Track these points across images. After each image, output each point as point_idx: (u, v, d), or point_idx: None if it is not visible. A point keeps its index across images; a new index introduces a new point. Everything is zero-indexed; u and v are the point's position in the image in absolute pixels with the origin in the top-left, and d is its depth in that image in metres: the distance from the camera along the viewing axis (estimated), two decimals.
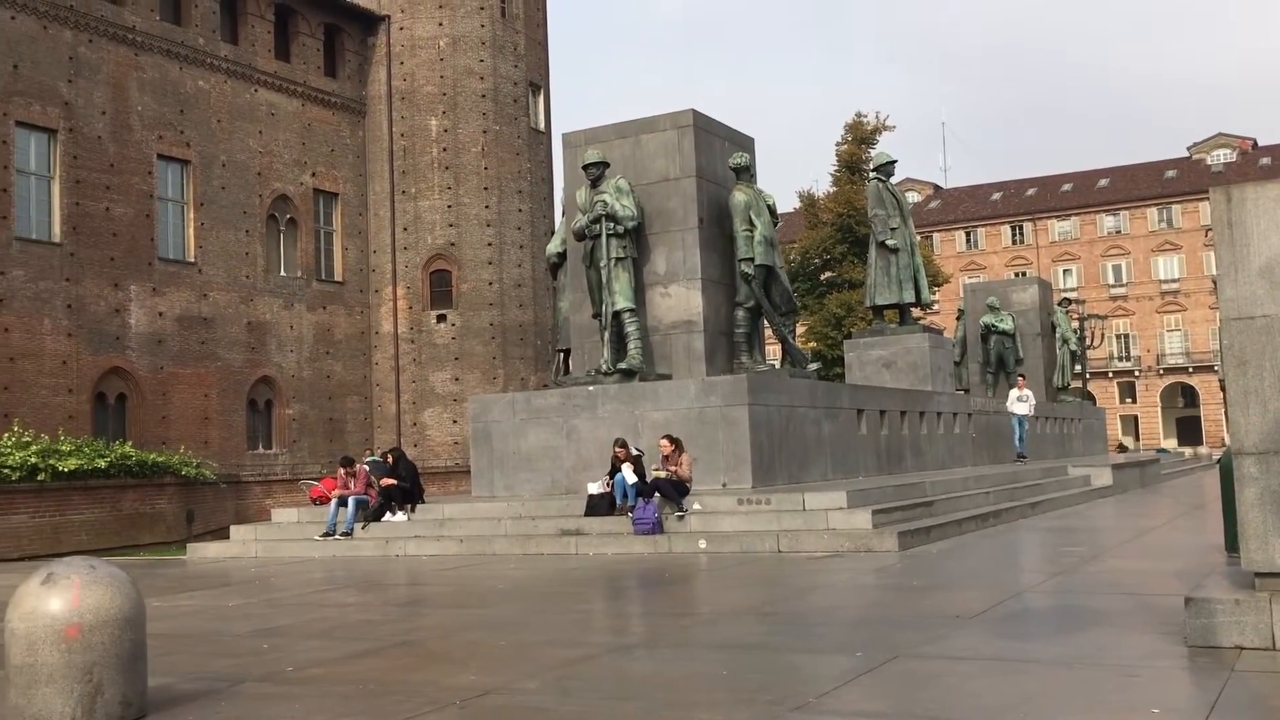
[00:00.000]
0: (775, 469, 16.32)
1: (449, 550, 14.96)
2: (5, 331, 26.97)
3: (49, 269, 28.15)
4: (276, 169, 34.48)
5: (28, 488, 19.53)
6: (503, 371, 36.76)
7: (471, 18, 37.11)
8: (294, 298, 34.84)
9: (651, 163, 17.97)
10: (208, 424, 31.64)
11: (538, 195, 38.48)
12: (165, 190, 31.55)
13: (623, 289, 17.27)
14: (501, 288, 36.97)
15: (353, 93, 37.11)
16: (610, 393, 17.01)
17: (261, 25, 34.25)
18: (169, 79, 31.45)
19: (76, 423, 27.43)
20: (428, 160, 36.85)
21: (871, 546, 12.54)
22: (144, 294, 30.38)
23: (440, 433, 36.42)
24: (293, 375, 34.54)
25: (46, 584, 5.39)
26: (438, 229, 36.73)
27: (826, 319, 45.13)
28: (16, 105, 27.68)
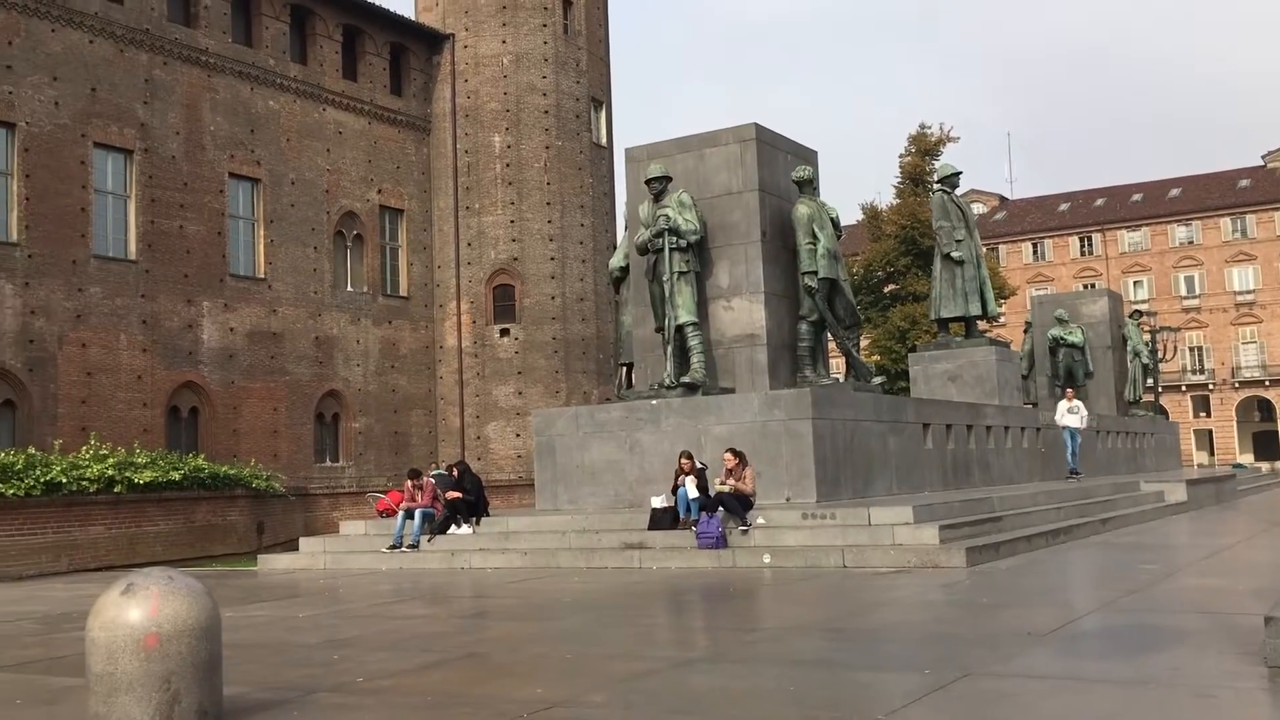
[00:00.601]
0: (840, 483, 16.20)
1: (514, 563, 15.04)
2: (83, 347, 27.67)
3: (125, 286, 28.85)
4: (344, 186, 35.04)
5: (105, 499, 19.99)
6: (565, 385, 36.94)
7: (534, 35, 37.46)
8: (360, 313, 35.34)
9: (714, 177, 17.98)
10: (277, 437, 32.17)
11: (599, 210, 38.67)
12: (236, 208, 32.20)
13: (685, 303, 17.27)
14: (564, 302, 37.18)
15: (418, 110, 37.62)
16: (673, 406, 17.01)
17: (330, 46, 34.87)
18: (240, 99, 32.13)
19: (151, 436, 28.04)
20: (491, 176, 37.21)
21: (939, 562, 12.39)
22: (216, 310, 31.01)
23: (503, 446, 36.66)
24: (359, 389, 35.01)
25: (126, 594, 5.52)
26: (501, 244, 37.06)
27: (890, 332, 44.75)
28: (95, 127, 28.44)
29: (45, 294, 27.02)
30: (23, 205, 26.81)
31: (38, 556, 18.82)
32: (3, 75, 26.62)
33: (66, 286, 27.48)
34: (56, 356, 27.12)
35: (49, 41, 27.63)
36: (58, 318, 27.24)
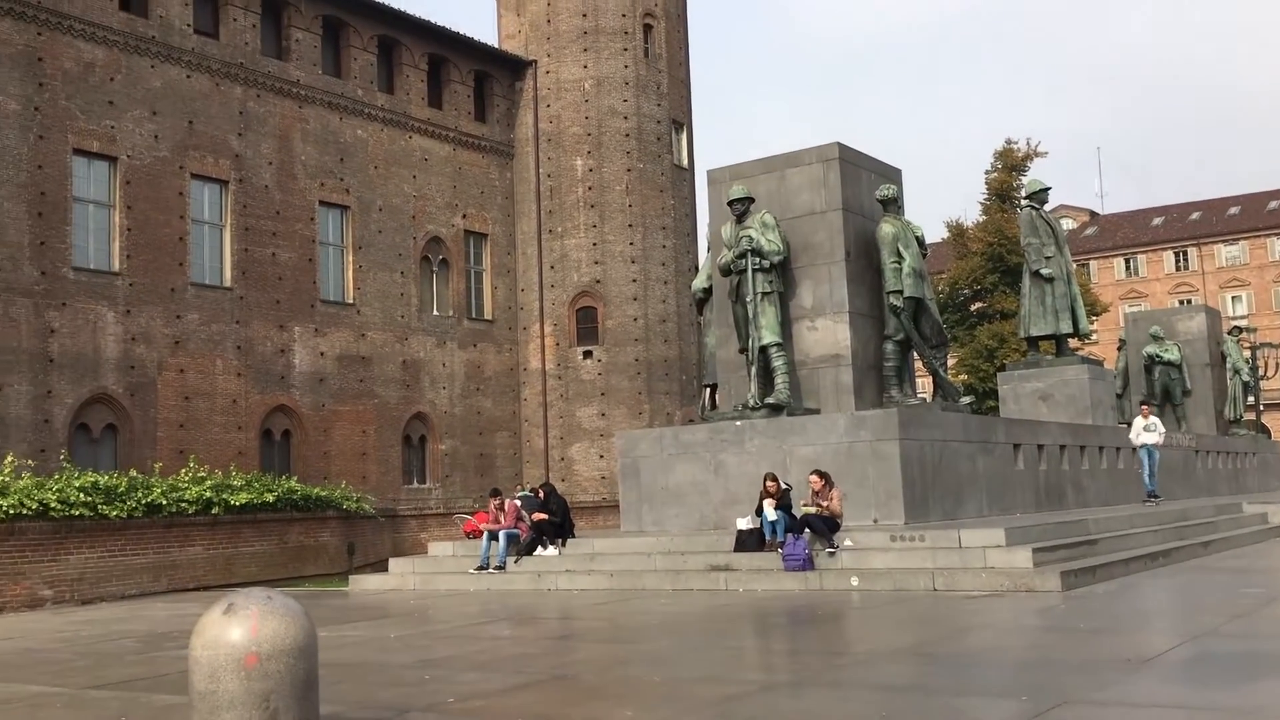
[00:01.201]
0: (928, 505, 15.97)
1: (599, 585, 15.08)
2: (181, 372, 28.48)
3: (221, 312, 29.66)
4: (429, 212, 35.64)
5: (203, 521, 20.49)
6: (648, 406, 37.00)
7: (615, 59, 37.78)
8: (446, 336, 35.84)
9: (797, 197, 17.93)
10: (365, 459, 32.73)
11: (681, 231, 38.77)
12: (326, 235, 32.93)
13: (769, 323, 17.22)
14: (646, 323, 37.29)
15: (501, 136, 38.14)
16: (758, 427, 16.93)
17: (415, 75, 35.56)
18: (330, 129, 32.90)
19: (245, 458, 28.72)
20: (573, 200, 37.54)
21: (1032, 586, 12.13)
22: (307, 335, 31.70)
23: (587, 467, 36.82)
24: (445, 411, 35.47)
25: (227, 614, 5.65)
26: (583, 267, 37.33)
27: (978, 351, 44.05)
28: (192, 159, 29.35)
29: (145, 321, 27.89)
30: (124, 236, 27.73)
31: (139, 576, 19.36)
32: (105, 111, 27.62)
33: (165, 314, 28.33)
34: (156, 381, 27.95)
35: (149, 77, 28.62)
36: (157, 344, 28.09)
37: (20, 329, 25.51)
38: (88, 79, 27.36)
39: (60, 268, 26.40)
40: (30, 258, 25.87)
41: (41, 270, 26.02)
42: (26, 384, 25.46)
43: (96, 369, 26.83)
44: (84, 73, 27.31)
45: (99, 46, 27.64)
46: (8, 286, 25.39)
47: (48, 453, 24.93)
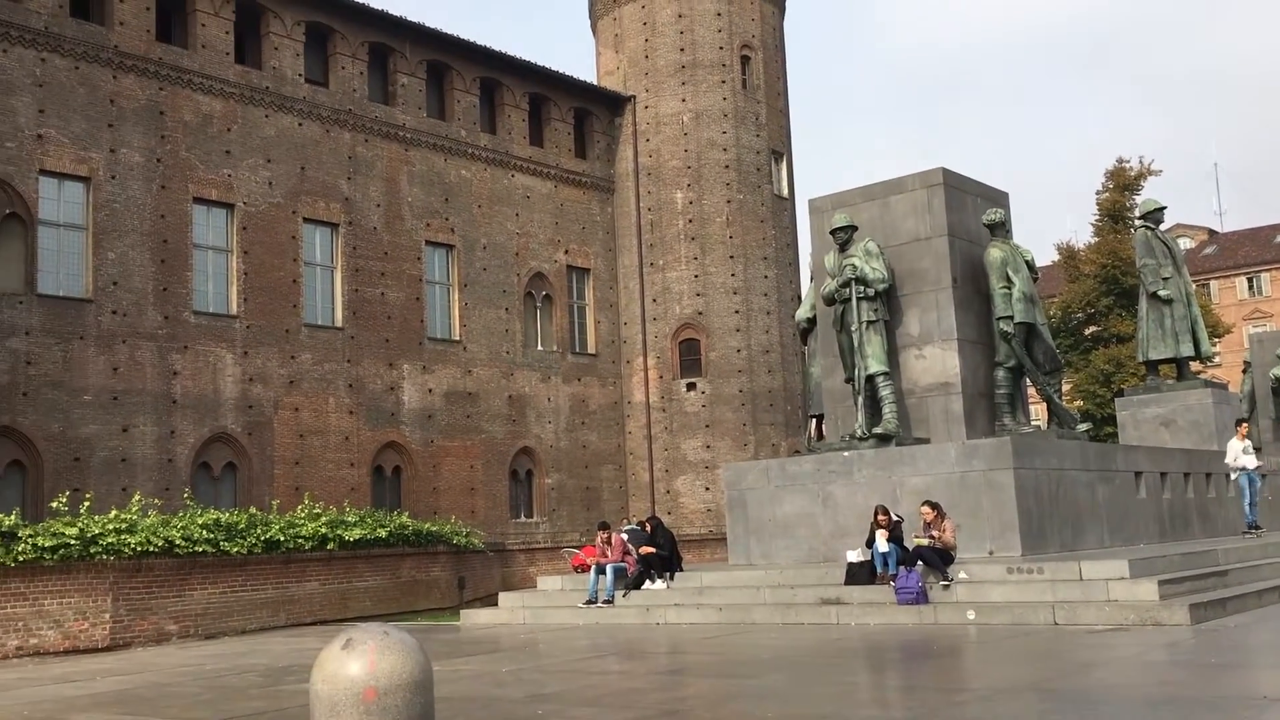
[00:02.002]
0: (1046, 536, 15.53)
1: (709, 618, 14.98)
2: (296, 411, 29.27)
3: (333, 352, 30.43)
4: (532, 248, 36.13)
5: (319, 556, 20.96)
6: (753, 438, 36.79)
7: (713, 92, 37.94)
8: (550, 371, 36.19)
9: (901, 223, 17.73)
10: (474, 494, 33.14)
11: (783, 261, 38.61)
12: (432, 273, 33.60)
13: (875, 352, 17.01)
14: (750, 355, 37.15)
15: (601, 172, 38.54)
16: (866, 458, 16.70)
17: (517, 114, 36.19)
18: (435, 170, 33.65)
19: (358, 494, 29.34)
20: (674, 232, 37.69)
21: (1159, 619, 11.68)
22: (415, 372, 32.33)
23: (693, 500, 36.72)
24: (551, 446, 35.76)
25: (346, 649, 5.74)
26: (685, 299, 37.40)
27: (1093, 376, 42.81)
28: (304, 203, 30.28)
29: (262, 362, 28.76)
30: (241, 280, 28.69)
31: (259, 611, 19.87)
32: (223, 160, 28.69)
33: (280, 354, 29.18)
34: (273, 420, 28.76)
35: (263, 126, 29.66)
36: (273, 384, 28.93)
37: (145, 372, 26.52)
38: (206, 130, 28.46)
39: (182, 312, 27.41)
40: (154, 303, 26.91)
41: (165, 315, 27.05)
42: (151, 425, 26.44)
43: (216, 409, 27.73)
44: (203, 124, 28.43)
45: (216, 99, 28.76)
46: (134, 331, 26.44)
47: (171, 491, 25.80)
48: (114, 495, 24.52)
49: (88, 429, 25.34)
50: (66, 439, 24.98)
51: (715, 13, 38.26)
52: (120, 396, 25.98)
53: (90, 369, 25.60)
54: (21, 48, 25.43)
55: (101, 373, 25.75)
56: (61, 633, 17.21)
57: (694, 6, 38.20)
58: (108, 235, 26.32)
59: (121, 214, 26.65)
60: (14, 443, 24.46)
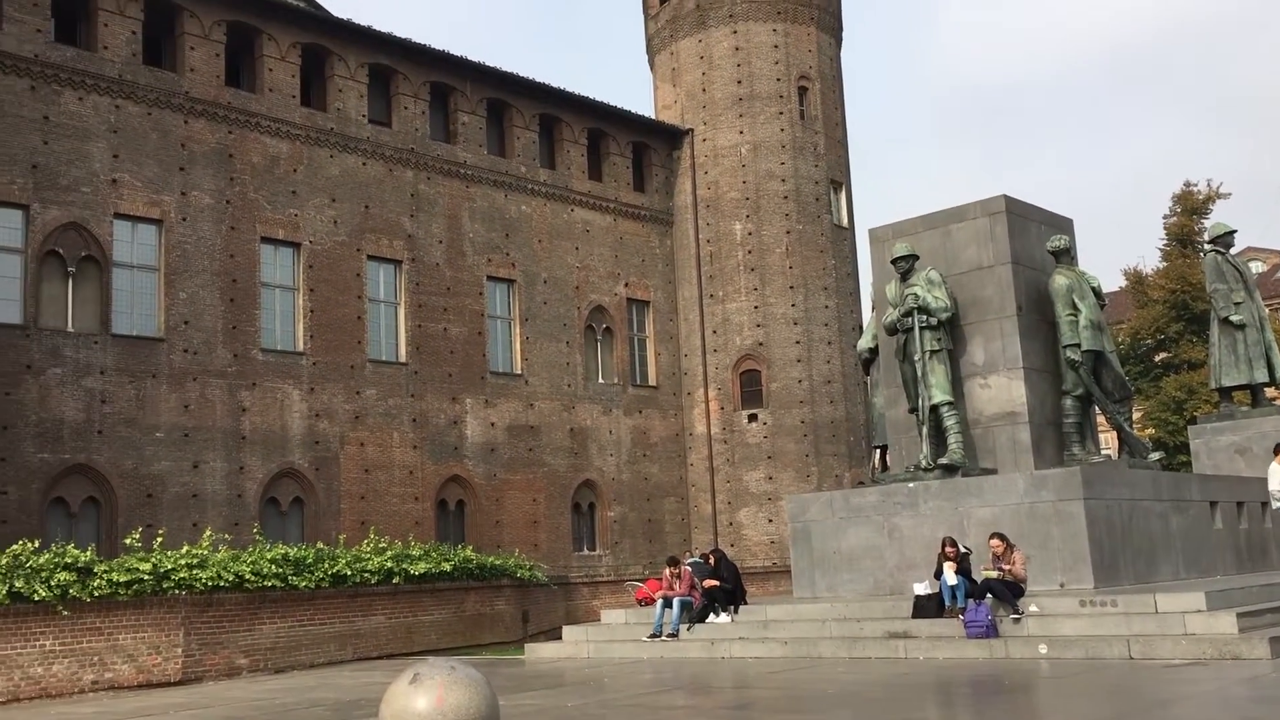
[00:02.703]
0: (1118, 567, 15.21)
1: (774, 652, 14.85)
2: (361, 446, 29.62)
3: (396, 387, 30.79)
4: (592, 282, 36.34)
5: (385, 590, 21.15)
6: (816, 469, 36.52)
7: (771, 124, 38.02)
8: (612, 403, 36.27)
9: (963, 252, 17.59)
10: (536, 527, 33.24)
11: (843, 291, 38.43)
12: (494, 308, 33.92)
13: (939, 381, 16.86)
14: (811, 385, 36.95)
15: (660, 205, 38.72)
16: (932, 489, 16.51)
17: (576, 150, 36.53)
18: (495, 206, 34.04)
19: (422, 528, 29.56)
20: (733, 264, 37.71)
21: (1239, 653, 11.37)
22: (478, 406, 32.58)
23: (756, 532, 36.49)
24: (613, 478, 35.78)
25: (414, 684, 5.79)
26: (746, 330, 37.34)
27: (1164, 403, 41.95)
28: (368, 241, 30.77)
29: (328, 398, 29.18)
30: (308, 317, 29.19)
31: (326, 645, 20.07)
32: (289, 200, 29.28)
33: (346, 390, 29.58)
34: (339, 455, 29.13)
35: (328, 166, 30.24)
36: (339, 419, 29.32)
37: (215, 409, 27.03)
38: (273, 171, 29.09)
39: (250, 350, 27.92)
40: (224, 341, 27.46)
41: (234, 353, 27.57)
42: (221, 461, 26.90)
43: (284, 445, 28.16)
44: (270, 166, 29.06)
45: (283, 141, 29.39)
46: (204, 370, 26.99)
47: (240, 526, 26.20)
48: (185, 531, 24.96)
49: (160, 465, 25.86)
50: (139, 475, 25.51)
51: (772, 45, 38.40)
52: (191, 433, 26.50)
53: (162, 406, 26.15)
54: (97, 95, 26.23)
55: (173, 410, 26.29)
56: (135, 667, 17.51)
57: (750, 39, 38.38)
58: (179, 276, 26.94)
59: (192, 255, 27.29)
60: (89, 480, 25.02)
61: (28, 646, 16.80)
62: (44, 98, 25.41)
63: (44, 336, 24.66)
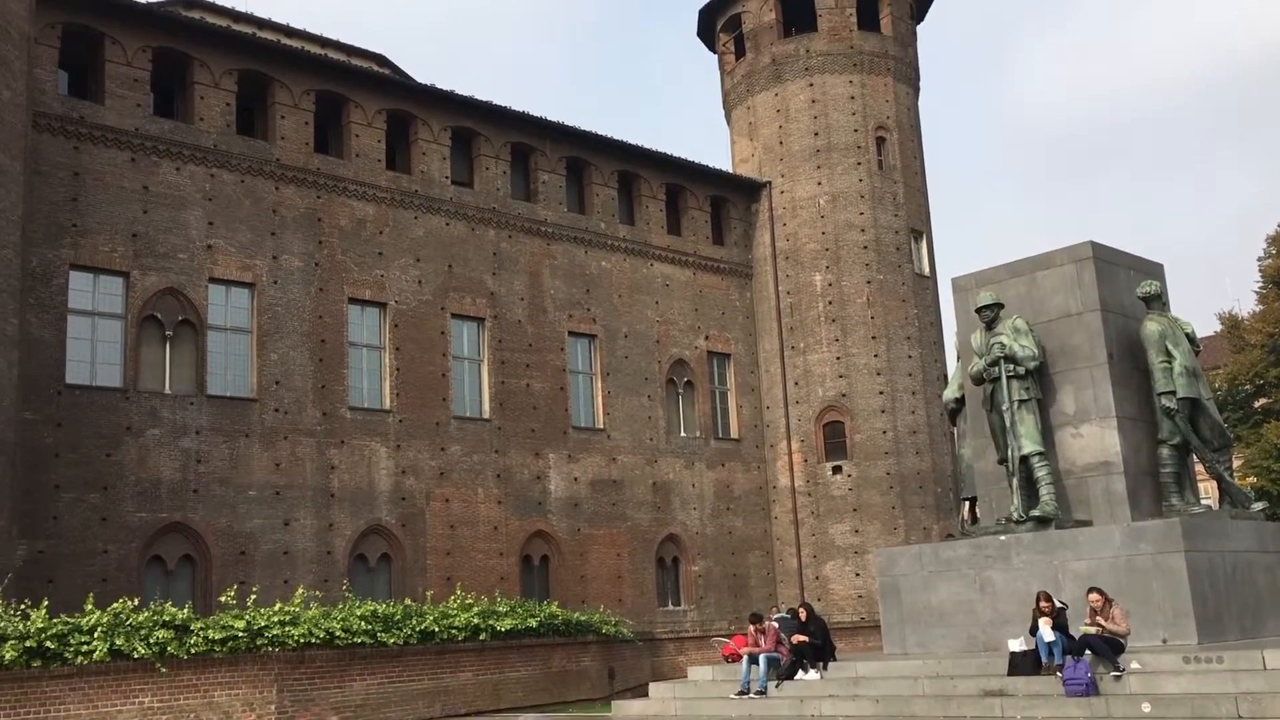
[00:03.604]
0: (1224, 622, 14.70)
1: (865, 710, 14.59)
2: (447, 502, 29.92)
3: (481, 443, 31.10)
4: (672, 335, 36.45)
5: (471, 647, 21.23)
6: (903, 522, 35.94)
7: (849, 174, 38.00)
8: (694, 457, 36.19)
9: (1049, 300, 17.34)
10: (621, 582, 33.15)
11: (926, 340, 38.02)
12: (575, 363, 34.17)
13: (1029, 431, 16.56)
14: (896, 436, 36.49)
15: (739, 257, 38.82)
16: (1024, 542, 16.16)
17: (654, 205, 36.86)
18: (576, 262, 34.43)
19: (507, 584, 29.67)
20: (814, 315, 37.56)
21: None
22: (561, 461, 32.74)
23: (843, 586, 35.95)
24: (696, 532, 35.60)
25: None
26: (828, 381, 37.08)
27: (1266, 451, 40.55)
28: (452, 300, 31.30)
29: (414, 455, 29.58)
30: (394, 375, 29.71)
31: (415, 702, 20.17)
32: (375, 261, 29.95)
33: (431, 447, 29.96)
34: (425, 512, 29.45)
35: (412, 227, 30.91)
36: (424, 476, 29.68)
37: (306, 467, 27.56)
38: (360, 233, 29.81)
39: (339, 408, 28.47)
40: (313, 400, 28.05)
41: (323, 411, 28.14)
42: (312, 518, 27.37)
43: (371, 502, 28.56)
44: (357, 228, 29.79)
45: (369, 204, 30.15)
46: (295, 428, 27.57)
47: (330, 583, 26.57)
48: (277, 587, 25.39)
49: (252, 523, 26.38)
50: (233, 533, 26.05)
51: (848, 96, 38.48)
52: (282, 491, 27.02)
53: (255, 465, 26.74)
54: (193, 165, 27.21)
55: (265, 469, 26.86)
56: None
57: (827, 92, 38.52)
58: (270, 337, 27.65)
59: (283, 316, 28.00)
60: (185, 538, 25.62)
61: (127, 704, 17.17)
62: (144, 169, 26.43)
63: (143, 399, 25.44)
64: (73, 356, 24.77)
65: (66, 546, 23.72)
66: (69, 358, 24.68)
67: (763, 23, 39.57)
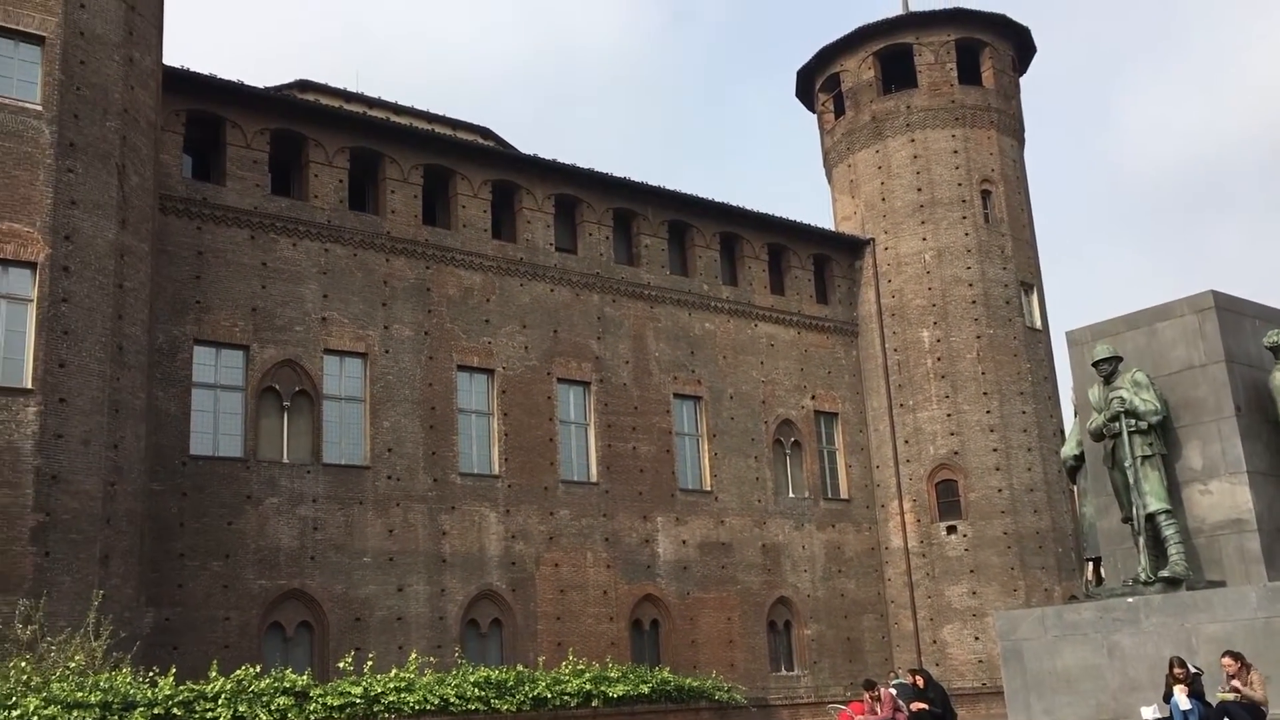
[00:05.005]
0: None
1: None
2: (556, 566, 30.00)
3: (589, 507, 31.19)
4: (778, 395, 36.22)
5: (584, 713, 21.10)
6: (1023, 583, 34.83)
7: (954, 229, 37.55)
8: (803, 518, 35.72)
9: (1170, 351, 16.76)
10: (732, 646, 32.72)
11: (1040, 396, 37.07)
12: (681, 425, 34.16)
13: (1154, 489, 15.93)
14: (1012, 494, 35.52)
15: (844, 315, 38.52)
16: (1153, 604, 15.47)
17: (757, 265, 36.88)
18: (680, 325, 34.55)
19: (617, 649, 29.51)
20: (923, 372, 36.98)
21: None
22: (669, 524, 32.62)
23: (962, 650, 34.90)
24: (808, 595, 35.02)
25: None
26: (939, 439, 36.37)
27: None
28: (558, 364, 31.65)
29: (523, 519, 29.79)
30: (502, 441, 30.06)
31: None
32: (483, 328, 30.49)
33: (540, 511, 30.15)
34: (534, 576, 29.57)
35: (518, 294, 31.43)
36: (534, 540, 29.84)
37: (418, 533, 27.95)
38: (467, 302, 30.42)
39: (449, 474, 28.87)
40: (425, 467, 28.50)
41: (434, 478, 28.57)
42: (424, 584, 27.68)
43: (482, 566, 28.79)
44: (464, 296, 30.41)
45: (476, 272, 30.78)
46: (406, 495, 28.02)
47: (443, 648, 26.77)
48: (392, 653, 25.67)
49: (367, 589, 26.79)
50: (348, 599, 26.47)
51: (951, 151, 38.16)
52: (395, 557, 27.42)
53: (369, 531, 27.21)
54: (309, 240, 28.16)
55: (379, 535, 27.32)
56: None
57: (929, 147, 38.26)
58: (383, 405, 28.26)
59: (394, 385, 28.62)
60: (302, 604, 26.12)
61: None
62: (262, 245, 27.43)
63: (262, 468, 26.16)
64: (197, 428, 25.64)
65: (191, 614, 24.37)
66: (193, 429, 25.56)
67: (862, 81, 39.59)
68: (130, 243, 22.32)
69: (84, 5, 22.16)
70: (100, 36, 22.38)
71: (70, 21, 21.85)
